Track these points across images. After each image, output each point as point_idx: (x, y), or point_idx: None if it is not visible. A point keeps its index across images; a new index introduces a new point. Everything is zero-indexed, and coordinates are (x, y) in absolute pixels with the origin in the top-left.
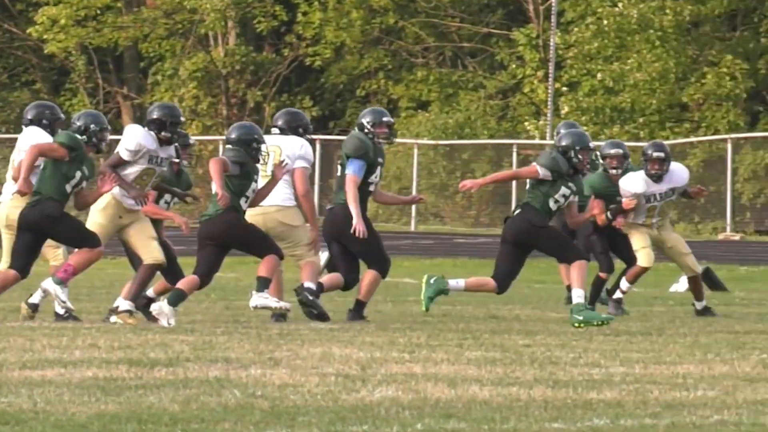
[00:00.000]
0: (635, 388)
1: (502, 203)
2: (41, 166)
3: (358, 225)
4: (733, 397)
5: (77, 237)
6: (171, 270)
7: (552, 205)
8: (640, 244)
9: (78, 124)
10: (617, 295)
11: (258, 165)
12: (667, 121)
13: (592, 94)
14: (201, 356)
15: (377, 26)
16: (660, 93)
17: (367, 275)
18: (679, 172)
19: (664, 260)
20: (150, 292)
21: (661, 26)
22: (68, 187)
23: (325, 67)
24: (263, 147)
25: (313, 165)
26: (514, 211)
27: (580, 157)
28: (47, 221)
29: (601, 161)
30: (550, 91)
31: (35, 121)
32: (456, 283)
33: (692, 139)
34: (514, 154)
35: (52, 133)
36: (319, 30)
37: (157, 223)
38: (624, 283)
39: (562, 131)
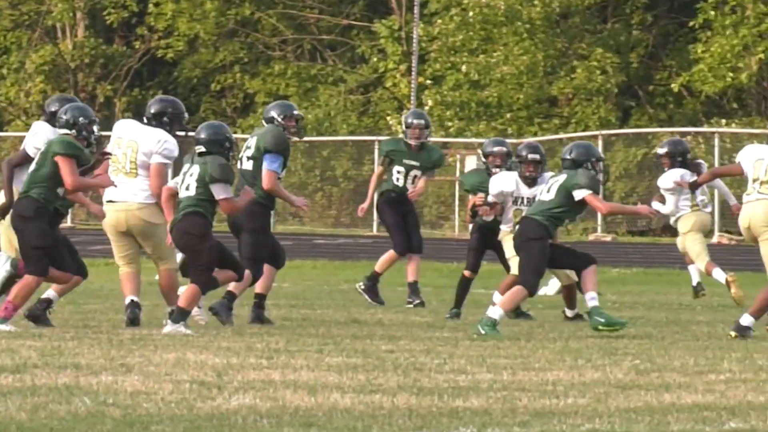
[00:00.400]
0: (503, 396)
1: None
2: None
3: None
4: (605, 405)
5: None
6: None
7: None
8: (512, 251)
9: (65, 117)
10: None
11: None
12: (535, 117)
13: (457, 88)
14: (49, 362)
15: (232, 17)
16: (528, 87)
17: (247, 279)
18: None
19: None
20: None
21: (530, 18)
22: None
23: (178, 60)
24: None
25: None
26: (515, 224)
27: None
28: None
29: (483, 159)
30: (413, 85)
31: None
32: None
33: (561, 135)
34: (376, 151)
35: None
36: (171, 21)
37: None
38: (496, 296)
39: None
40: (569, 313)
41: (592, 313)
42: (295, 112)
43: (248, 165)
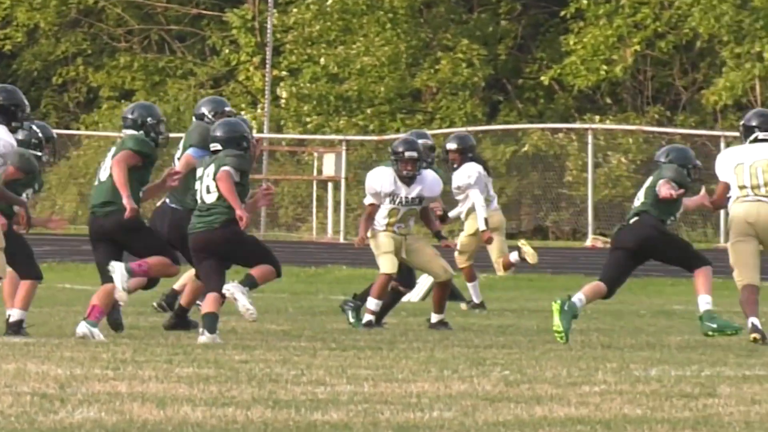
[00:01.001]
0: (364, 409)
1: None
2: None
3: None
4: (472, 419)
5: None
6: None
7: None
8: (381, 249)
9: (131, 117)
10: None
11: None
12: (398, 112)
13: (314, 81)
14: None
15: (75, 6)
16: (390, 80)
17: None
18: (431, 181)
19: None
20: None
21: (392, 7)
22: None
23: (17, 52)
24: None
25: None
26: (629, 219)
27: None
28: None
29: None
30: (267, 78)
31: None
32: (578, 300)
33: (426, 131)
34: None
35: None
36: (9, 11)
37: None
38: (371, 301)
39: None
40: (434, 318)
41: (704, 318)
42: (227, 109)
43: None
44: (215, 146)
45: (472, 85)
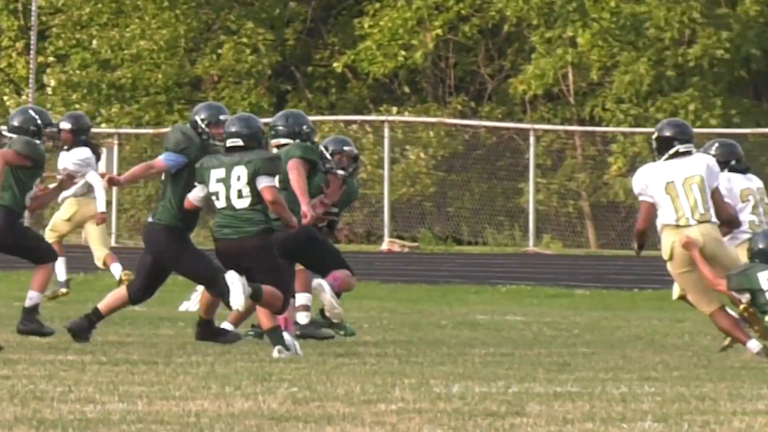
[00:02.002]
0: (138, 429)
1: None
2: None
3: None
4: None
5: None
6: None
7: None
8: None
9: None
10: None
11: None
12: (175, 102)
13: (84, 67)
14: None
15: None
16: (167, 67)
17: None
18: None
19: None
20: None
21: None
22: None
23: None
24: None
25: None
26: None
27: None
28: None
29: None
30: (32, 65)
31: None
32: None
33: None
34: None
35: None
36: None
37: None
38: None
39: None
40: (225, 325)
41: None
42: (222, 117)
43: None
44: (235, 141)
45: (257, 73)
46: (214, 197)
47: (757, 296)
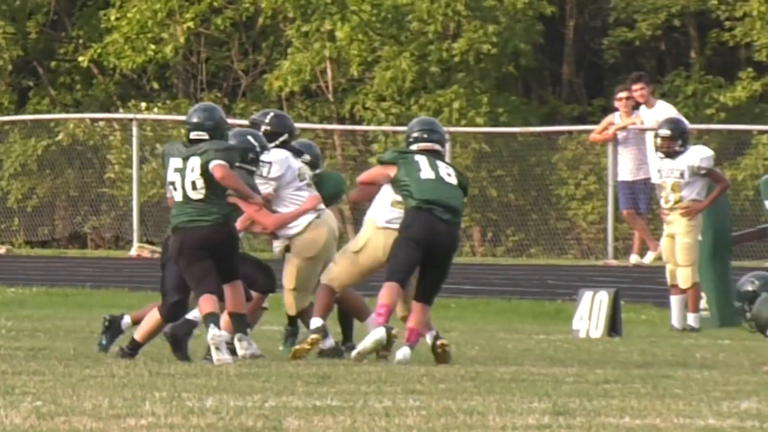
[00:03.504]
0: None
1: None
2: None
3: None
4: None
5: None
6: None
7: None
8: None
9: None
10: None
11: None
12: None
13: None
14: None
15: None
16: None
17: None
18: None
19: None
20: None
21: None
22: None
23: None
24: None
25: None
26: None
27: None
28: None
29: None
30: None
31: None
32: None
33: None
34: None
35: None
36: None
37: None
38: None
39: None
40: None
41: None
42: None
43: None
44: (199, 134)
45: None
46: (171, 187)
47: None
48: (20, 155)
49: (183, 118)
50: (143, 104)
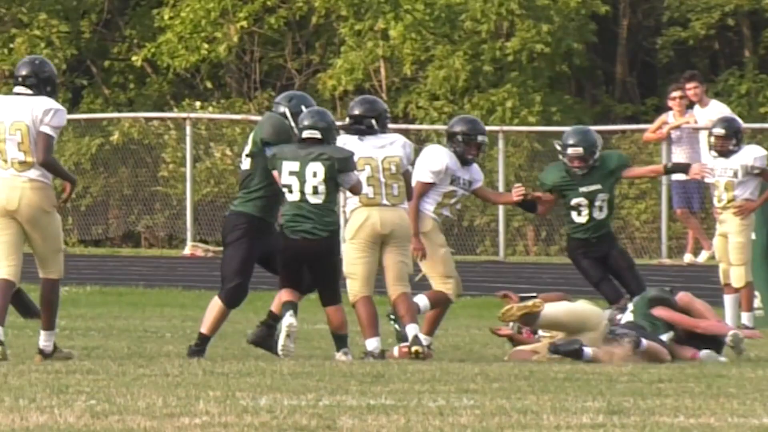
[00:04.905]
0: None
1: None
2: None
3: None
4: None
5: None
6: None
7: None
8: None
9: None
10: None
11: None
12: None
13: None
14: None
15: None
16: None
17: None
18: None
19: None
20: None
21: None
22: None
23: None
24: None
25: None
26: None
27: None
28: None
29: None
30: None
31: None
32: None
33: None
34: None
35: None
36: None
37: None
38: None
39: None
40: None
41: None
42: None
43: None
44: (313, 133)
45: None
46: (286, 190)
47: None
48: (74, 154)
49: (237, 117)
50: (198, 103)
